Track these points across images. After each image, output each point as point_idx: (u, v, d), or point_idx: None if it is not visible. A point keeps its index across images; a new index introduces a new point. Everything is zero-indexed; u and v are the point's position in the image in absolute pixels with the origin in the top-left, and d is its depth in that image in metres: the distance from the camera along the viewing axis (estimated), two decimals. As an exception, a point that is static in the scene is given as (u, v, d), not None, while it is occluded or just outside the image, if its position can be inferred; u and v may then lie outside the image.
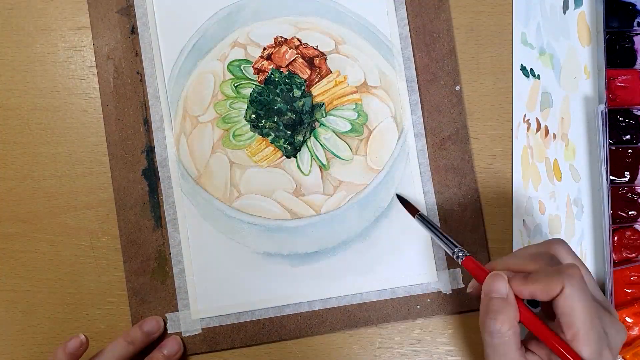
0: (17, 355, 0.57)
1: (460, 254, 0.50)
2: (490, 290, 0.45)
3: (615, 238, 0.57)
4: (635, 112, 0.58)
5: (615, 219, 0.57)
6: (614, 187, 0.57)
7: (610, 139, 0.57)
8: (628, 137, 0.58)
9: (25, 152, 0.57)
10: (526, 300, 0.45)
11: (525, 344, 0.46)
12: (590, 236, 0.58)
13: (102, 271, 0.57)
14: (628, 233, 0.57)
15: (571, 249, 0.47)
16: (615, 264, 0.57)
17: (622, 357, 0.56)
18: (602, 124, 0.56)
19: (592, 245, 0.58)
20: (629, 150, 0.57)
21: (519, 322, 0.44)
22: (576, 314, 0.42)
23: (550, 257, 0.46)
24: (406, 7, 0.58)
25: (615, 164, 0.57)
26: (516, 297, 0.44)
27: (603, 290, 0.58)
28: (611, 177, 0.57)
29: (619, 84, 0.58)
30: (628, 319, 0.56)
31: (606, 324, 0.44)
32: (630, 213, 0.57)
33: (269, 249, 0.57)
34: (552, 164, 0.58)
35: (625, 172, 0.58)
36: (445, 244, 0.52)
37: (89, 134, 0.57)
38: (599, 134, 0.57)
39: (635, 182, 0.57)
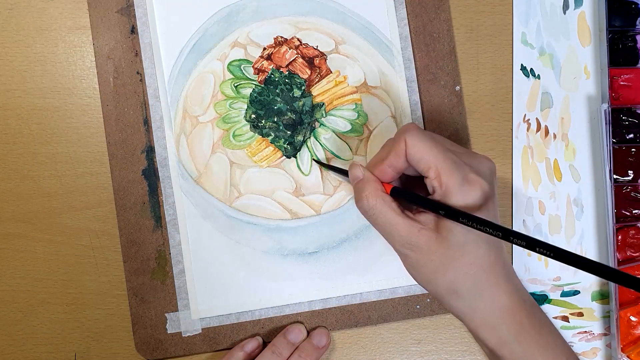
0: (17, 355, 0.57)
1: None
2: (351, 179, 0.48)
3: (619, 237, 0.57)
4: (639, 111, 0.58)
5: (618, 218, 0.57)
6: (617, 186, 0.57)
7: (613, 137, 0.57)
8: (631, 135, 0.58)
9: (25, 152, 0.57)
10: None
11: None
12: (594, 235, 0.58)
13: (102, 271, 0.57)
14: (632, 232, 0.57)
15: (419, 129, 0.47)
16: (619, 262, 0.57)
17: (627, 356, 0.56)
18: (606, 123, 0.56)
19: (596, 244, 0.58)
20: (632, 149, 0.57)
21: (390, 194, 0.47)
22: (425, 155, 0.44)
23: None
24: (406, 7, 0.57)
25: (619, 163, 0.57)
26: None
27: (607, 289, 0.58)
28: (614, 176, 0.57)
29: (621, 83, 0.58)
30: (632, 318, 0.56)
31: (465, 157, 0.46)
32: (634, 212, 0.57)
33: (269, 249, 0.57)
34: (552, 164, 0.58)
35: (629, 171, 0.57)
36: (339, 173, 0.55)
37: (89, 134, 0.57)
38: (602, 133, 0.56)
39: (639, 180, 0.57)
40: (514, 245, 0.57)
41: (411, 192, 0.46)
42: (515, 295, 0.46)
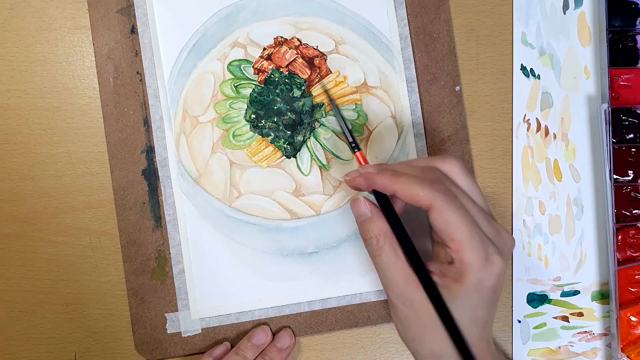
0: (17, 355, 0.57)
1: (355, 150, 0.50)
2: (357, 215, 0.47)
3: (619, 237, 0.57)
4: (639, 111, 0.58)
5: (618, 218, 0.57)
6: (617, 186, 0.57)
7: (613, 137, 0.57)
8: (631, 135, 0.58)
9: (25, 152, 0.57)
10: None
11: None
12: (594, 235, 0.58)
13: (102, 271, 0.57)
14: (632, 232, 0.57)
15: (465, 168, 0.46)
16: (620, 262, 0.57)
17: (627, 356, 0.56)
18: (606, 123, 0.56)
19: (596, 244, 0.58)
20: (632, 149, 0.57)
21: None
22: (451, 225, 0.42)
23: (438, 172, 0.46)
24: (406, 7, 0.57)
25: (619, 163, 0.57)
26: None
27: (607, 289, 0.58)
28: (614, 176, 0.57)
29: (622, 83, 0.58)
30: (632, 318, 0.56)
31: (490, 231, 0.44)
32: (634, 212, 0.57)
33: (268, 249, 0.57)
34: (552, 164, 0.58)
35: (629, 171, 0.57)
36: (348, 135, 0.51)
37: (89, 134, 0.57)
38: (602, 133, 0.56)
39: (639, 180, 0.57)
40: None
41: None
42: None
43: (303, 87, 0.57)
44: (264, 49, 0.57)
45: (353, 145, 0.49)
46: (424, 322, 0.44)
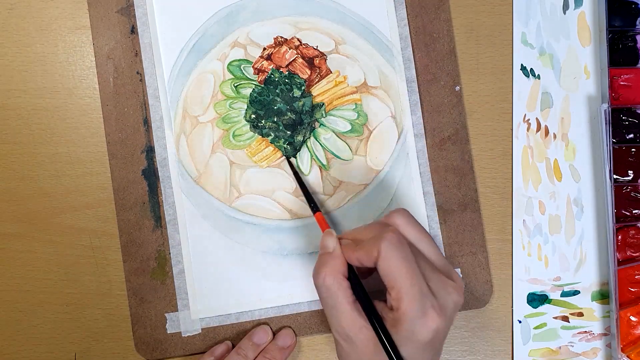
0: (17, 355, 0.57)
1: (313, 210, 0.53)
2: (320, 246, 0.48)
3: (619, 237, 0.57)
4: (639, 111, 0.58)
5: (618, 218, 0.57)
6: (617, 186, 0.57)
7: (613, 137, 0.57)
8: (631, 135, 0.58)
9: (25, 152, 0.57)
10: None
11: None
12: (594, 235, 0.58)
13: (102, 271, 0.57)
14: (632, 232, 0.57)
15: (412, 218, 0.47)
16: (620, 262, 0.57)
17: (627, 356, 0.56)
18: (606, 123, 0.56)
19: (596, 244, 0.58)
20: (632, 149, 0.57)
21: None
22: (394, 273, 0.43)
23: (388, 226, 0.46)
24: (406, 7, 0.57)
25: (619, 163, 0.57)
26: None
27: (607, 289, 0.58)
28: (614, 176, 0.57)
29: (622, 83, 0.58)
30: (632, 318, 0.56)
31: (436, 284, 0.44)
32: (634, 212, 0.57)
33: (268, 249, 0.57)
34: (552, 164, 0.58)
35: (629, 171, 0.57)
36: (306, 197, 0.54)
37: (89, 134, 0.57)
38: (602, 133, 0.56)
39: (639, 180, 0.57)
40: (513, 245, 0.57)
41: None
42: None
43: (303, 87, 0.57)
44: (264, 49, 0.57)
45: (312, 206, 0.53)
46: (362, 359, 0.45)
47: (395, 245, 0.43)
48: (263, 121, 0.57)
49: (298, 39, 0.57)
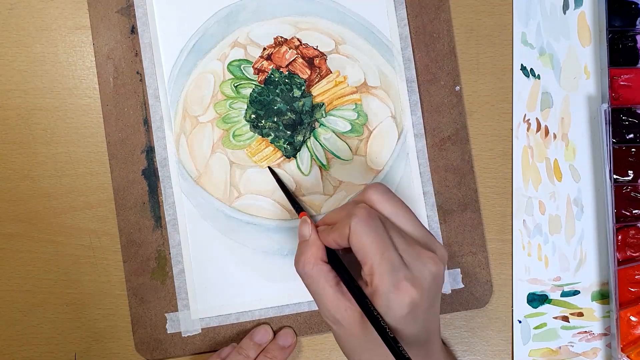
0: (17, 356, 0.57)
1: (297, 212, 0.53)
2: (299, 235, 0.47)
3: (619, 237, 0.57)
4: (639, 111, 0.57)
5: (618, 218, 0.57)
6: (617, 186, 0.57)
7: (613, 137, 0.57)
8: (631, 135, 0.58)
9: (25, 152, 0.57)
10: None
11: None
12: (594, 235, 0.58)
13: (102, 271, 0.57)
14: (632, 232, 0.57)
15: (387, 193, 0.46)
16: (620, 262, 0.57)
17: (627, 356, 0.56)
18: (606, 123, 0.56)
19: (596, 244, 0.58)
20: (632, 149, 0.57)
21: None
22: (364, 248, 0.43)
23: (361, 203, 0.46)
24: (406, 7, 0.57)
25: (619, 163, 0.57)
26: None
27: (607, 289, 0.58)
28: (614, 176, 0.57)
29: (622, 83, 0.58)
30: (632, 318, 0.56)
31: (410, 255, 0.43)
32: (634, 212, 0.57)
33: (268, 249, 0.57)
34: (552, 164, 0.58)
35: (629, 171, 0.57)
36: (290, 201, 0.55)
37: (89, 134, 0.57)
38: (602, 133, 0.56)
39: (639, 180, 0.57)
40: (513, 245, 0.57)
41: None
42: None
43: (303, 87, 0.57)
44: (264, 49, 0.57)
45: (296, 207, 0.54)
46: (352, 341, 0.45)
47: (364, 221, 0.43)
48: (263, 121, 0.57)
49: (298, 39, 0.57)
